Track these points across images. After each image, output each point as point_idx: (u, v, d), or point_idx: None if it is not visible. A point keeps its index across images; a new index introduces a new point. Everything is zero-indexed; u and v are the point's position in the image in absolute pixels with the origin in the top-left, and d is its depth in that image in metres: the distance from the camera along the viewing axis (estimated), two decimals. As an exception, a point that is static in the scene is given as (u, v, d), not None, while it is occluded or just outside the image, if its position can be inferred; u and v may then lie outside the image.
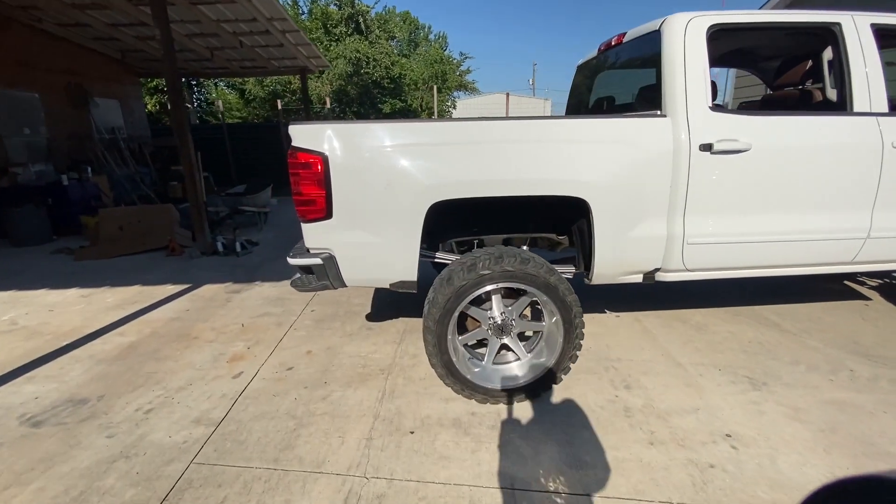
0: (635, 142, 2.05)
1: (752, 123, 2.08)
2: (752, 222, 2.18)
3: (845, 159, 2.11)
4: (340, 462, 1.94)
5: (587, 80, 3.41)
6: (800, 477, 1.77)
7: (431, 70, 26.14)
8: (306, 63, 9.76)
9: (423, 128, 2.04)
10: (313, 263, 2.14)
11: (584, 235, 2.28)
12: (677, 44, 2.10)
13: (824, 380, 2.43)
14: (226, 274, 4.71)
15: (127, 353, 3.00)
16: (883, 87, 2.10)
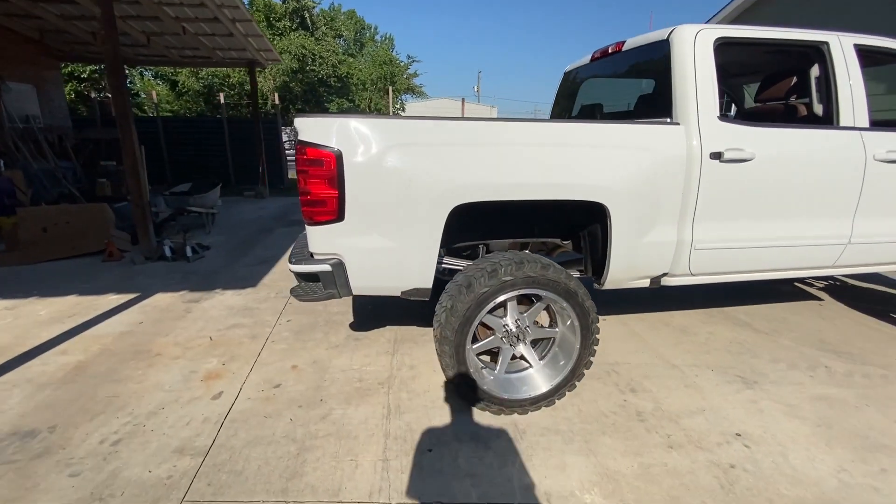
0: (653, 148, 2.08)
1: (755, 134, 2.18)
2: (751, 229, 2.29)
3: (833, 170, 2.28)
4: (360, 488, 1.76)
5: (574, 87, 3.45)
6: (813, 472, 1.86)
7: (380, 71, 25.81)
8: (256, 56, 9.18)
9: (453, 126, 1.92)
10: (321, 270, 1.94)
11: (597, 240, 2.27)
12: (688, 54, 2.15)
13: (805, 376, 2.61)
14: (178, 281, 4.25)
15: (75, 375, 2.58)
16: (865, 103, 2.30)
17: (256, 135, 9.93)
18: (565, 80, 3.47)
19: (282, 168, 11.87)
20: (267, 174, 10.28)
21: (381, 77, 25.61)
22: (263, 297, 3.86)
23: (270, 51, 9.01)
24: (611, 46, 2.77)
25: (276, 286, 4.13)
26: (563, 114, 3.57)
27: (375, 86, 25.47)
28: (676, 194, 2.15)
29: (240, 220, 7.33)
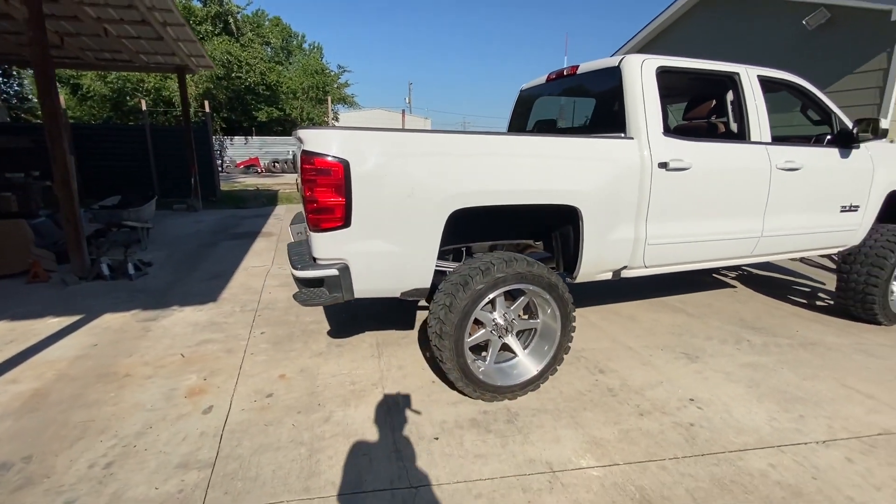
0: (614, 159, 2.42)
1: (691, 147, 2.61)
2: (691, 226, 2.72)
3: (748, 177, 2.79)
4: (379, 478, 1.86)
5: (529, 104, 3.80)
6: (751, 422, 2.27)
7: (311, 80, 25.26)
8: (186, 61, 8.68)
9: (451, 138, 2.11)
10: (328, 275, 2.03)
11: (569, 240, 2.57)
12: (636, 79, 2.54)
13: (734, 349, 3.10)
14: (126, 301, 3.97)
15: (36, 404, 2.38)
16: (767, 122, 2.84)
17: (188, 144, 9.36)
18: (521, 98, 3.81)
19: (214, 179, 11.24)
20: (199, 186, 9.70)
21: (312, 86, 25.07)
22: (228, 311, 3.74)
23: (203, 56, 8.58)
24: (566, 69, 3.13)
25: (238, 300, 4.01)
26: (520, 128, 3.90)
27: (307, 95, 24.87)
28: (633, 198, 2.51)
29: (177, 235, 6.88)
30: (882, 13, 6.26)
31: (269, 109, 23.91)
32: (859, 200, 3.21)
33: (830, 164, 3.08)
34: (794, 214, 3.01)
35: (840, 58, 6.90)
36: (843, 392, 2.57)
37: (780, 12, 7.61)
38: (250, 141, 23.04)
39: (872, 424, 2.26)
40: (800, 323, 3.59)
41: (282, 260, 5.36)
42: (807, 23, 7.20)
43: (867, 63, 6.63)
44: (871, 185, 3.22)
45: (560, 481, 1.86)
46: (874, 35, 6.45)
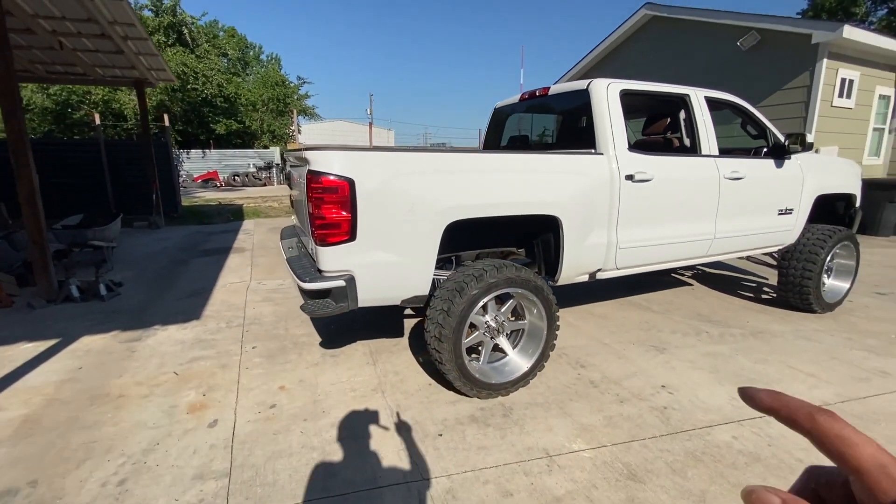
0: (588, 172, 2.69)
1: (652, 160, 2.93)
2: (654, 231, 3.03)
3: (702, 186, 3.14)
4: (393, 474, 2.00)
5: (502, 121, 4.07)
6: (715, 402, 2.57)
7: (272, 92, 24.87)
8: (146, 75, 8.46)
9: (447, 157, 2.30)
10: (336, 286, 2.16)
11: (549, 246, 2.82)
12: (603, 100, 2.84)
13: (695, 340, 3.44)
14: (102, 322, 3.88)
15: (30, 429, 2.35)
16: (714, 137, 3.21)
17: (148, 159, 9.07)
18: (495, 115, 4.07)
19: (175, 195, 10.90)
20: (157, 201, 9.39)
21: (272, 98, 24.67)
22: (214, 328, 3.74)
23: (164, 70, 8.39)
24: (538, 90, 3.41)
25: (222, 317, 4.01)
26: (495, 144, 4.16)
27: (267, 107, 24.45)
28: (605, 207, 2.79)
29: (143, 254, 6.67)
30: (805, 36, 7.05)
31: (227, 122, 23.30)
32: (793, 204, 3.67)
33: (768, 174, 3.50)
34: (740, 218, 3.41)
35: (770, 75, 7.67)
36: (788, 372, 2.94)
37: (718, 34, 8.38)
38: (208, 154, 22.35)
39: (814, 398, 2.62)
40: (749, 315, 4.00)
41: (260, 275, 5.35)
42: (741, 44, 7.97)
43: (793, 80, 7.41)
44: (802, 191, 3.69)
45: (557, 464, 2.06)
46: (799, 55, 7.24)
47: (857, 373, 2.93)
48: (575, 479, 1.96)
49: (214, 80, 21.58)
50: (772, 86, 7.60)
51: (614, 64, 10.81)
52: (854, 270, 4.06)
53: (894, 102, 8.14)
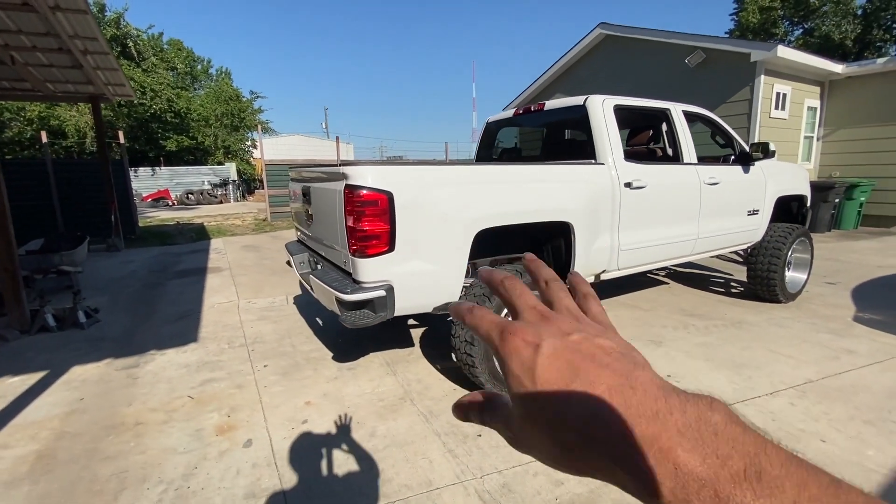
0: (594, 181, 2.91)
1: (646, 169, 3.21)
2: (650, 233, 3.30)
3: (686, 191, 3.46)
4: (446, 476, 2.07)
5: (494, 134, 4.26)
6: (717, 385, 2.82)
7: (225, 107, 24.12)
8: (103, 90, 8.04)
9: (475, 170, 2.43)
10: (377, 296, 2.22)
11: (560, 251, 3.00)
12: (600, 115, 3.09)
13: (685, 333, 3.74)
14: (90, 351, 3.68)
15: (47, 465, 2.22)
16: (692, 147, 3.55)
17: (105, 178, 8.58)
18: (488, 129, 4.26)
19: (132, 215, 10.33)
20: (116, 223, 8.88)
21: (226, 113, 23.92)
22: (216, 349, 3.64)
23: (124, 85, 8.02)
24: (533, 106, 3.63)
25: (221, 338, 3.89)
26: (487, 156, 4.35)
27: (221, 122, 23.66)
28: (608, 212, 3.02)
29: (110, 278, 6.30)
30: (744, 55, 7.81)
31: (178, 138, 22.34)
32: (759, 206, 4.09)
33: (737, 179, 3.90)
34: (718, 219, 3.76)
35: (716, 90, 8.41)
36: (771, 356, 3.27)
37: (667, 53, 9.10)
38: (158, 172, 21.32)
39: (798, 376, 2.94)
40: (725, 307, 4.38)
41: (247, 294, 5.22)
42: (688, 62, 8.70)
43: (736, 94, 8.17)
44: (765, 194, 4.12)
45: (595, 452, 2.21)
46: (740, 72, 8.01)
47: (827, 353, 3.30)
48: (615, 464, 2.11)
49: (164, 95, 20.70)
50: (718, 99, 8.34)
51: (572, 80, 11.42)
52: (810, 263, 4.54)
53: (820, 113, 9.15)
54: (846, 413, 2.50)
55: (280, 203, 12.25)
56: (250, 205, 20.32)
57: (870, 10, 20.98)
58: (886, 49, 21.29)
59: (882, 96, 8.44)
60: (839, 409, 2.54)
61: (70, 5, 5.21)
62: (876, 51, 21.07)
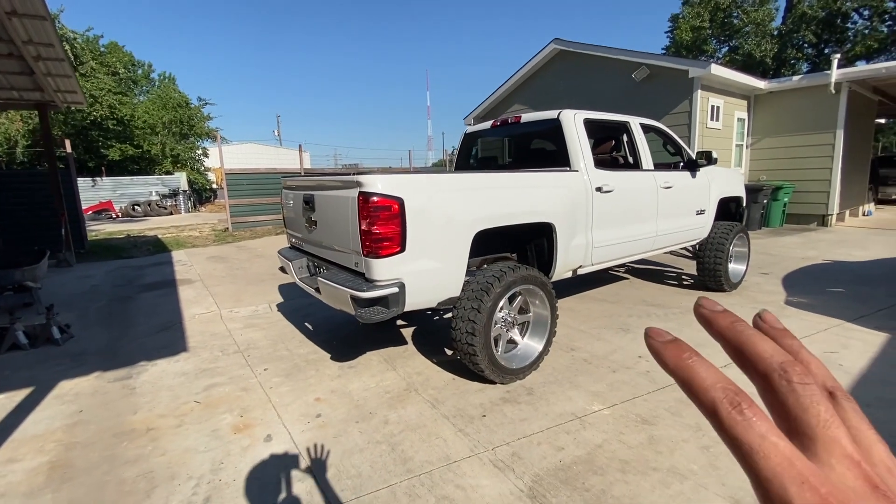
0: (571, 186, 3.27)
1: (612, 175, 3.62)
2: (618, 232, 3.71)
3: (646, 195, 3.91)
4: (461, 451, 2.31)
5: (472, 144, 4.58)
6: (681, 363, 3.24)
7: (173, 114, 23.10)
8: (53, 97, 7.64)
9: (474, 177, 2.70)
10: (390, 293, 2.43)
11: (542, 249, 3.33)
12: (572, 127, 3.46)
13: (648, 321, 4.19)
14: (73, 366, 3.60)
15: (65, 474, 2.25)
16: (649, 155, 4.02)
17: (55, 189, 8.11)
18: (466, 139, 4.57)
19: (80, 229, 9.77)
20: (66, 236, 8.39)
21: (174, 121, 22.90)
22: (210, 357, 3.67)
23: (76, 92, 7.67)
24: (510, 118, 3.97)
25: (212, 346, 3.92)
26: (465, 165, 4.65)
27: (169, 130, 22.62)
28: (583, 213, 3.39)
29: (70, 294, 6.02)
30: (683, 71, 8.65)
31: (122, 146, 21.14)
32: (705, 206, 4.65)
33: (687, 183, 4.43)
34: (672, 218, 4.26)
35: (659, 102, 9.23)
36: (722, 336, 3.75)
37: (616, 68, 9.86)
38: (100, 182, 20.06)
39: (745, 351, 3.42)
40: (680, 297, 4.91)
41: (227, 304, 5.19)
42: (634, 76, 9.48)
43: (678, 106, 9.01)
44: (710, 196, 4.69)
45: (587, 422, 2.53)
46: (680, 87, 8.84)
47: (767, 331, 3.84)
48: (605, 430, 2.44)
49: (105, 101, 19.56)
50: (662, 111, 9.15)
51: (529, 91, 12.04)
52: (748, 256, 5.18)
53: (748, 124, 10.24)
54: None
55: (242, 213, 11.97)
56: (204, 215, 19.56)
57: (784, 31, 23.46)
58: (799, 66, 23.87)
59: (797, 109, 9.60)
60: None
61: (28, 10, 5.04)
62: (790, 68, 23.58)
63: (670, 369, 0.28)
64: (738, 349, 0.28)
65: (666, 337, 0.30)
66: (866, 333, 3.69)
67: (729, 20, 24.85)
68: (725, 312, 0.30)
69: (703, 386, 0.26)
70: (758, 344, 0.27)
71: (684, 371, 0.27)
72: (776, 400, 0.25)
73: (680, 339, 0.29)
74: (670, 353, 0.29)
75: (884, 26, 21.74)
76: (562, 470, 2.14)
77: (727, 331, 0.29)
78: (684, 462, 2.17)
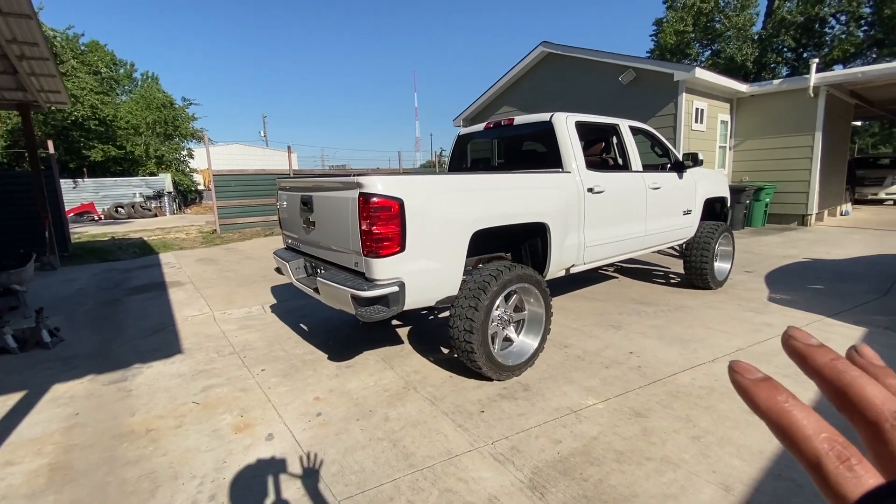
0: (564, 187, 3.36)
1: (603, 176, 3.71)
2: (609, 232, 3.81)
3: (635, 195, 4.02)
4: (462, 445, 2.37)
5: (464, 146, 4.64)
6: (672, 358, 3.34)
7: (157, 114, 22.74)
8: (36, 97, 7.50)
9: (471, 178, 2.76)
10: (391, 292, 2.48)
11: (537, 249, 3.41)
12: (564, 130, 3.55)
13: (638, 317, 4.29)
14: (65, 369, 3.56)
15: (65, 476, 2.25)
16: (638, 156, 4.13)
17: (38, 191, 7.96)
18: (459, 141, 4.63)
19: (64, 231, 9.58)
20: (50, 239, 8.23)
21: (158, 121, 22.54)
22: (206, 359, 3.66)
23: (60, 92, 7.54)
24: (503, 120, 4.04)
25: (207, 348, 3.91)
26: (458, 167, 4.71)
27: (153, 130, 22.25)
28: (576, 214, 3.47)
29: (56, 297, 5.92)
30: (668, 75, 8.84)
31: (104, 147, 20.73)
32: (692, 206, 4.78)
33: (674, 184, 4.55)
34: (661, 218, 4.38)
35: (646, 105, 9.41)
36: (709, 332, 3.88)
37: (603, 71, 10.03)
38: (81, 184, 19.65)
39: (731, 346, 3.54)
40: (668, 295, 5.04)
41: (220, 306, 5.17)
42: (621, 79, 9.66)
43: (663, 109, 9.20)
44: (696, 196, 4.83)
45: (582, 416, 2.60)
46: (665, 89, 9.04)
47: (752, 327, 3.97)
48: (600, 423, 2.52)
49: (86, 101, 19.19)
50: (648, 113, 9.34)
51: (517, 94, 12.16)
52: (732, 254, 5.34)
53: (731, 126, 10.51)
54: (769, 371, 3.04)
55: (230, 215, 11.86)
56: (190, 217, 19.30)
57: (764, 36, 24.06)
58: (779, 70, 24.51)
59: (778, 112, 9.88)
60: (764, 369, 3.04)
61: (13, 9, 4.96)
62: (770, 72, 24.19)
63: (762, 412, 0.26)
64: (840, 391, 0.25)
65: (756, 374, 0.28)
66: (846, 328, 3.85)
67: (711, 24, 25.39)
68: (823, 348, 0.28)
69: (805, 434, 0.24)
70: (865, 388, 0.25)
71: (781, 417, 0.25)
72: (885, 451, 0.23)
73: (773, 379, 0.27)
74: (763, 394, 0.27)
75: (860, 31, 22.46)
76: (560, 462, 2.21)
77: (827, 370, 0.27)
78: (676, 451, 2.25)
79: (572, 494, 1.98)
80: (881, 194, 14.67)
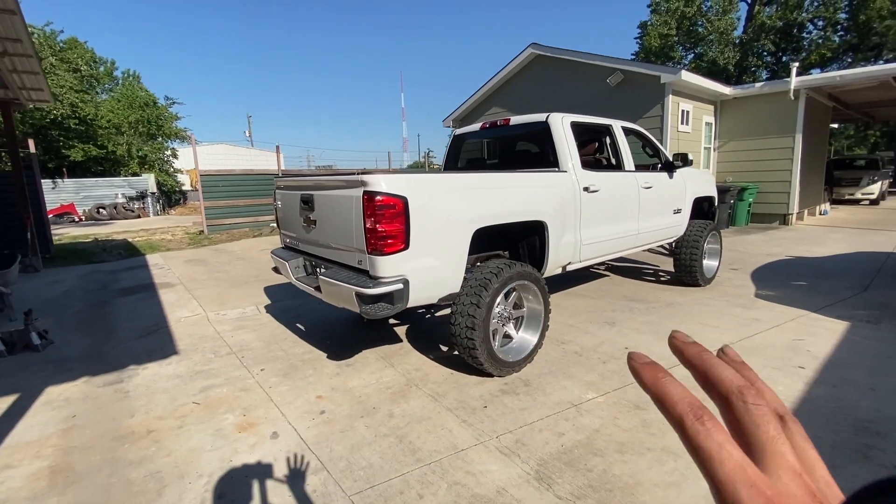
0: (560, 186, 3.42)
1: (598, 175, 3.79)
2: (604, 230, 3.88)
3: (628, 194, 4.10)
4: (468, 440, 2.40)
5: (460, 145, 4.68)
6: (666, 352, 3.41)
7: (140, 113, 22.30)
8: (17, 94, 7.33)
9: (473, 177, 2.79)
10: (396, 289, 2.50)
11: (534, 247, 3.46)
12: (560, 130, 3.61)
13: (631, 315, 4.38)
14: (58, 372, 3.50)
15: (67, 478, 2.22)
16: (630, 156, 4.22)
17: (20, 191, 7.76)
18: (455, 140, 4.67)
19: (46, 233, 9.35)
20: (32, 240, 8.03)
21: (141, 120, 22.10)
22: (203, 360, 3.63)
23: (42, 90, 7.38)
24: (499, 120, 4.09)
25: (203, 349, 3.87)
26: (453, 166, 4.75)
27: (135, 130, 21.81)
28: (572, 212, 3.54)
29: (41, 299, 5.78)
30: (655, 77, 9.02)
31: (84, 147, 20.25)
32: (682, 205, 4.90)
33: (665, 183, 4.66)
34: (652, 217, 4.48)
35: (633, 106, 9.58)
36: (701, 328, 3.98)
37: (591, 73, 10.18)
38: (61, 184, 19.16)
39: (722, 340, 3.64)
40: (659, 292, 5.15)
41: (213, 307, 5.12)
42: (609, 81, 9.81)
43: (650, 111, 9.38)
44: (686, 195, 4.95)
45: (583, 409, 2.66)
46: (652, 92, 9.21)
47: (741, 322, 4.09)
48: (601, 416, 2.58)
49: (66, 99, 18.71)
50: (635, 114, 9.51)
51: (507, 95, 12.26)
52: (720, 252, 5.48)
53: (715, 128, 10.77)
54: (760, 363, 3.20)
55: (218, 215, 11.71)
56: (175, 218, 18.97)
57: (745, 40, 24.65)
58: (760, 74, 25.13)
59: (760, 114, 10.15)
60: (754, 361, 3.23)
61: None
62: (751, 75, 24.79)
63: (646, 386, 0.32)
64: (703, 374, 0.32)
65: (644, 359, 0.34)
66: (829, 322, 3.99)
67: (694, 28, 25.92)
68: (695, 344, 0.35)
69: (673, 401, 0.30)
70: (721, 370, 0.32)
71: (658, 388, 0.31)
72: (733, 418, 0.29)
73: (656, 362, 0.33)
74: (647, 373, 0.33)
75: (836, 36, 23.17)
76: (564, 453, 2.26)
77: (695, 358, 0.33)
78: (676, 442, 2.32)
79: (578, 484, 2.03)
80: (857, 194, 15.16)
